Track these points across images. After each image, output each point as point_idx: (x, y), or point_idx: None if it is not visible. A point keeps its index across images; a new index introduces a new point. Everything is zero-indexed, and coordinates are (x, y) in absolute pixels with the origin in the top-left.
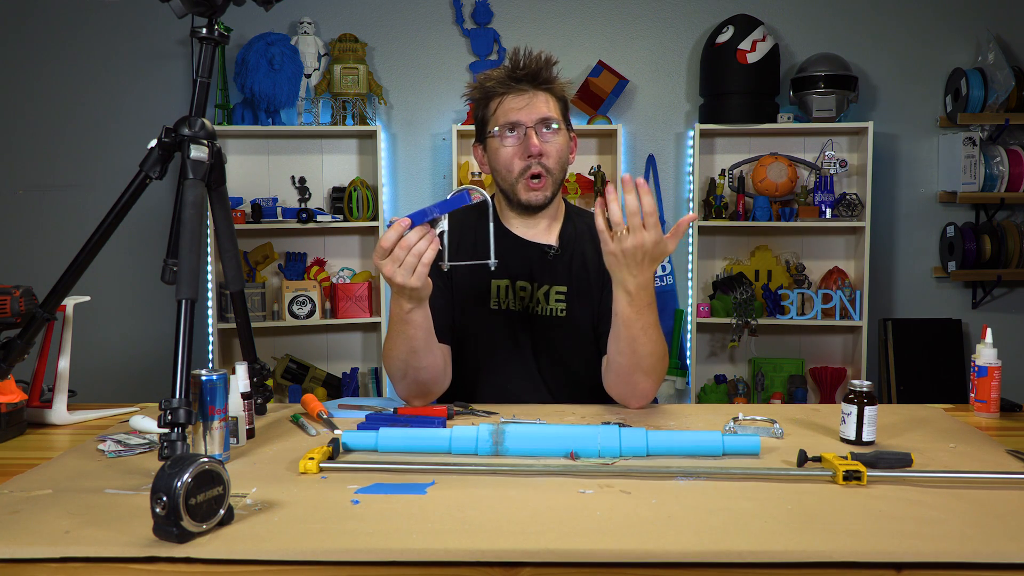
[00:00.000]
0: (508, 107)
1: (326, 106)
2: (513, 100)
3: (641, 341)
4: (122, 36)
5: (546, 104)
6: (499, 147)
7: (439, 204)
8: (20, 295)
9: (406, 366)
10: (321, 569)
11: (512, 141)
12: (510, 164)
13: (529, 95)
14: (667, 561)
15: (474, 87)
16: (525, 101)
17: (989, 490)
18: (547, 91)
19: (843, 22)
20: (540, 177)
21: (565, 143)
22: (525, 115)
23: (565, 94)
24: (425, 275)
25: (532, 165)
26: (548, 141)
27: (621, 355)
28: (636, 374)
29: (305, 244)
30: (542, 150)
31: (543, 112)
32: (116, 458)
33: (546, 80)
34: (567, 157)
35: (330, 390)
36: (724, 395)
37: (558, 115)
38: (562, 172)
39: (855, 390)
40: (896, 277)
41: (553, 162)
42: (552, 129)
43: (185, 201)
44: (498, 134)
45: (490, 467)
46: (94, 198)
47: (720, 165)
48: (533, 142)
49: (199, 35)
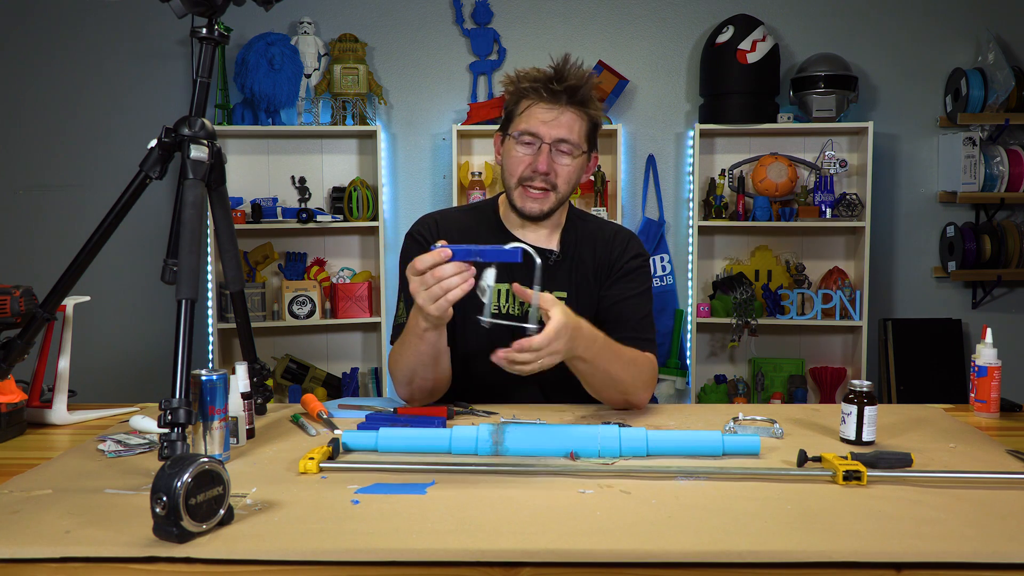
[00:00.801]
0: (533, 115)
1: (326, 106)
2: (541, 110)
3: (614, 374)
4: (122, 36)
5: (572, 124)
6: (512, 150)
7: (489, 250)
8: (20, 295)
9: (412, 374)
10: (321, 569)
11: (526, 150)
12: (517, 168)
13: (558, 110)
14: (667, 561)
15: (510, 80)
16: (553, 115)
17: (989, 490)
18: (579, 110)
19: (843, 22)
20: (544, 190)
21: (578, 167)
22: (546, 130)
23: (597, 119)
24: (446, 308)
25: (536, 179)
26: (561, 163)
27: (602, 391)
28: (624, 396)
29: (305, 244)
30: (550, 169)
31: (564, 133)
32: (116, 458)
33: (582, 99)
34: (578, 179)
35: (330, 390)
36: (724, 395)
37: (580, 138)
38: (569, 190)
39: (855, 390)
40: (896, 277)
41: (561, 181)
42: (569, 152)
43: (185, 201)
44: (517, 137)
45: (490, 467)
46: (94, 198)
47: (720, 165)
48: (542, 160)
49: (199, 35)
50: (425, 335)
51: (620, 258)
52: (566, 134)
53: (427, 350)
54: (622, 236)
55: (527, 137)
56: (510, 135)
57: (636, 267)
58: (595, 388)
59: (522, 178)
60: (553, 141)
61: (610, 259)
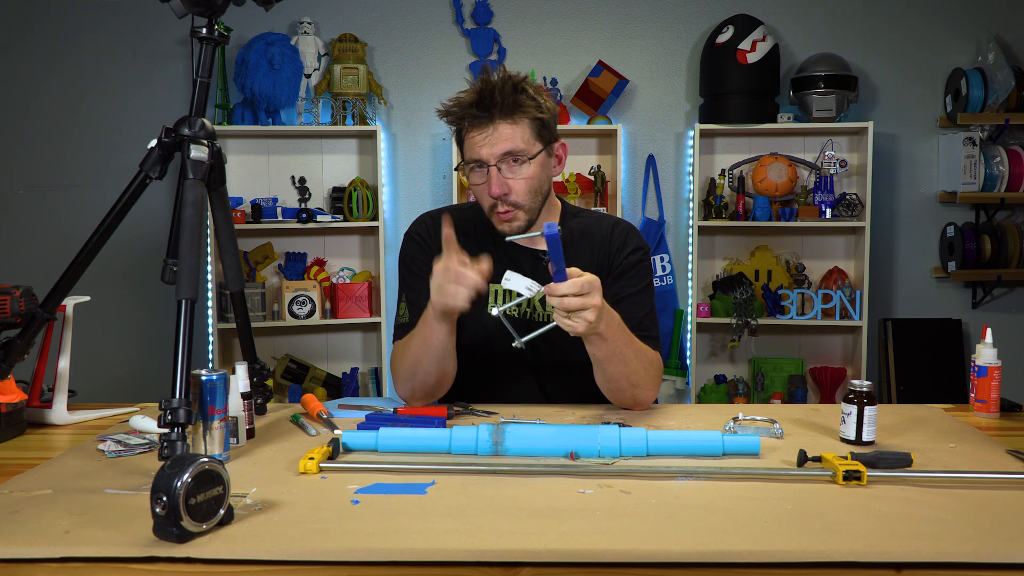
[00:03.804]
0: (472, 141)
1: (326, 106)
2: (478, 134)
3: (630, 365)
4: (122, 36)
5: (512, 135)
6: (469, 182)
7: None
8: (20, 295)
9: (416, 367)
10: (321, 569)
11: (478, 178)
12: (481, 199)
13: (491, 128)
14: (667, 561)
15: (442, 113)
16: (488, 135)
17: (989, 490)
18: (512, 119)
19: (843, 22)
20: (509, 212)
21: (538, 171)
22: (487, 151)
23: (537, 114)
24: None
25: (498, 204)
26: (515, 176)
27: (612, 382)
28: (634, 389)
29: (305, 244)
30: (504, 189)
31: (506, 146)
32: (116, 458)
33: (511, 108)
34: (541, 183)
35: (330, 390)
36: (724, 395)
37: (528, 142)
38: (537, 198)
39: (855, 390)
40: (896, 277)
41: (523, 196)
42: (520, 161)
43: (185, 201)
44: (466, 170)
45: (490, 467)
46: (94, 198)
47: (720, 165)
48: (494, 183)
49: (199, 35)
50: (436, 327)
51: (619, 253)
52: (507, 146)
53: (436, 343)
54: (620, 229)
55: (473, 164)
56: (463, 167)
57: (636, 262)
58: (608, 376)
59: (490, 207)
60: (498, 160)
61: (609, 254)
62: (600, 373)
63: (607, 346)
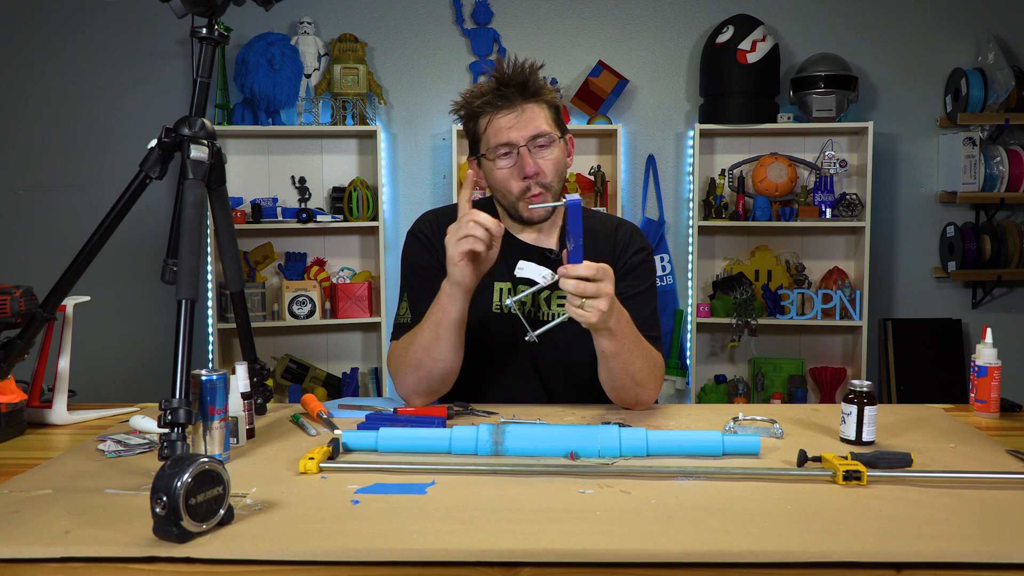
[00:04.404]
0: (498, 125)
1: (326, 106)
2: (503, 118)
3: (636, 363)
4: (122, 36)
5: (536, 116)
6: (494, 168)
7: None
8: (20, 295)
9: (424, 355)
10: (321, 569)
11: (507, 162)
12: (508, 185)
13: (518, 110)
14: (667, 561)
15: (460, 105)
16: (515, 117)
17: (989, 490)
18: (536, 101)
19: (843, 22)
20: (540, 194)
21: (561, 155)
22: (517, 133)
23: (555, 101)
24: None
25: (531, 186)
26: (544, 157)
27: (617, 380)
28: (637, 388)
29: (305, 244)
30: (538, 169)
31: (535, 128)
32: (116, 458)
33: (534, 91)
34: (564, 166)
35: (330, 390)
36: (724, 395)
37: (551, 126)
38: (561, 182)
39: (855, 390)
40: (896, 277)
41: (551, 177)
42: (546, 144)
43: (185, 201)
44: (492, 156)
45: (490, 467)
46: (94, 198)
47: (720, 165)
48: (528, 164)
49: (199, 35)
50: (449, 306)
51: (624, 253)
52: (536, 128)
53: (448, 323)
54: (624, 230)
55: (502, 149)
56: (484, 156)
57: (640, 262)
58: (614, 374)
59: (520, 192)
60: (527, 141)
61: (613, 254)
62: (605, 370)
63: (616, 341)
